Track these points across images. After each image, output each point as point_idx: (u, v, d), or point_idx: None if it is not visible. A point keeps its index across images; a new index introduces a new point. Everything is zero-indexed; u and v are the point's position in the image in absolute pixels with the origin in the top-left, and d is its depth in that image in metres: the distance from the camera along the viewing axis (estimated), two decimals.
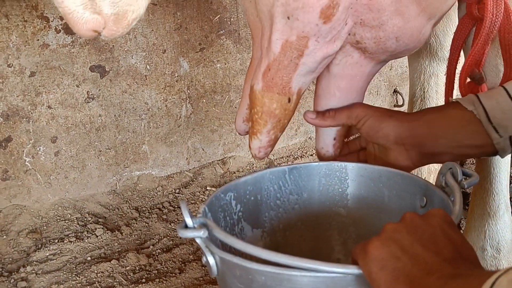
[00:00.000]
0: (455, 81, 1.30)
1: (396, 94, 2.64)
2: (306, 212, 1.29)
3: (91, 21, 0.93)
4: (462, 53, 1.30)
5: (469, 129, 1.12)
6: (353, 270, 0.84)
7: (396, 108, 2.58)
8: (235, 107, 2.26)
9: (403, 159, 1.19)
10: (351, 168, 1.27)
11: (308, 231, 1.30)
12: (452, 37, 1.28)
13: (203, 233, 0.93)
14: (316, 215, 1.29)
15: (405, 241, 0.82)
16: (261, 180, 1.24)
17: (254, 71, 1.14)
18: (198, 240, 0.94)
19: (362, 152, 1.31)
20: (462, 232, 1.61)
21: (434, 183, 1.14)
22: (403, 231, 0.83)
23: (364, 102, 1.25)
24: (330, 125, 1.22)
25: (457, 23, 1.28)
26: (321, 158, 1.26)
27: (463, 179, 1.07)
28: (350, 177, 1.27)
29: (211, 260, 0.95)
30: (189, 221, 0.94)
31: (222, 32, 2.17)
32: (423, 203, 1.15)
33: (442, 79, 1.69)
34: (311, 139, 2.47)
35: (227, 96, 2.25)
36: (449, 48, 1.29)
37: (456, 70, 1.30)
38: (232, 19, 2.17)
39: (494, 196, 1.49)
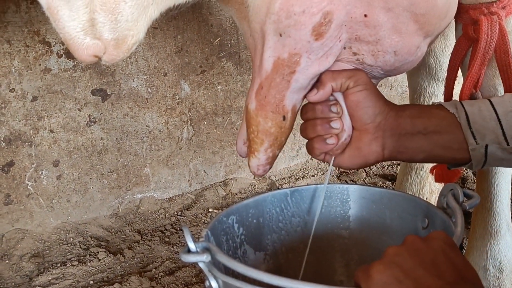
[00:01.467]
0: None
1: None
2: (308, 235, 1.26)
3: (91, 47, 0.94)
4: (459, 72, 1.31)
5: (448, 130, 1.11)
6: None
7: None
8: (236, 129, 2.26)
9: (376, 145, 1.14)
10: (353, 190, 1.27)
11: (310, 254, 1.27)
12: (449, 57, 1.29)
13: (206, 257, 0.93)
14: (318, 237, 1.28)
15: (407, 264, 0.82)
16: (263, 203, 1.25)
17: (248, 91, 1.14)
18: (201, 265, 0.94)
19: None
20: (464, 252, 1.61)
21: (435, 204, 1.14)
22: (405, 255, 0.83)
23: None
24: (330, 91, 1.12)
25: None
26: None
27: (464, 200, 1.07)
28: (352, 199, 1.28)
29: (214, 284, 0.95)
30: (192, 245, 0.94)
31: (222, 54, 2.18)
32: (424, 225, 1.15)
33: (441, 99, 1.70)
34: (312, 160, 2.47)
35: (228, 118, 2.26)
36: (447, 68, 1.30)
37: (454, 89, 1.31)
38: (232, 41, 2.19)
39: (496, 215, 1.49)
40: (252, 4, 1.02)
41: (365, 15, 1.01)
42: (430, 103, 1.67)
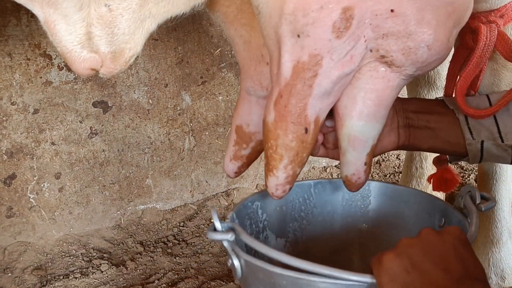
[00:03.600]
0: None
1: None
2: (329, 226, 1.33)
3: (88, 60, 0.94)
4: None
5: (447, 125, 1.16)
6: (367, 279, 0.91)
7: None
8: None
9: (394, 135, 1.18)
10: (374, 186, 1.32)
11: (329, 244, 1.34)
12: (448, 66, 1.29)
13: (230, 236, 1.00)
14: (338, 229, 1.34)
15: (417, 256, 0.86)
16: None
17: (266, 102, 1.05)
18: (225, 243, 1.01)
19: None
20: None
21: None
22: (417, 247, 0.88)
23: None
24: None
25: (452, 46, 1.28)
26: (351, 185, 1.14)
27: (481, 202, 1.12)
28: (373, 195, 1.32)
29: (236, 262, 1.01)
30: (218, 225, 1.00)
31: (223, 65, 2.19)
32: (441, 223, 1.20)
33: None
34: (314, 168, 2.47)
35: (230, 128, 2.26)
36: (446, 76, 1.30)
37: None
38: (232, 52, 2.19)
39: (497, 223, 1.49)
40: (264, 9, 0.96)
41: (392, 10, 0.94)
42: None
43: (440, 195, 1.81)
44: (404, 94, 2.62)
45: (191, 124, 2.19)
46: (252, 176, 2.35)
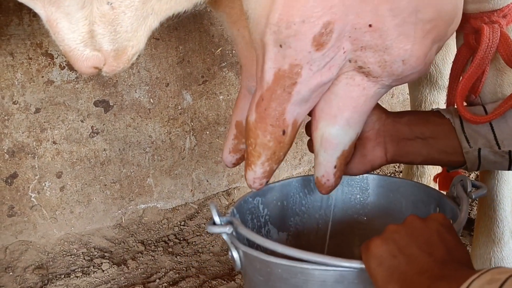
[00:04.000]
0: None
1: None
2: (329, 219, 1.37)
3: (91, 58, 0.94)
4: None
5: (443, 135, 1.17)
6: (356, 264, 0.94)
7: None
8: None
9: (380, 150, 1.21)
10: (372, 179, 1.37)
11: (330, 237, 1.37)
12: (451, 66, 1.29)
13: (228, 229, 1.05)
14: (338, 222, 1.38)
15: (402, 241, 0.90)
16: (288, 187, 1.34)
17: (250, 102, 1.12)
18: (224, 236, 1.06)
19: None
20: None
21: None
22: (402, 232, 0.92)
23: None
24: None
25: (455, 52, 1.28)
26: (321, 187, 1.20)
27: (472, 190, 1.17)
28: (371, 188, 1.37)
29: (235, 254, 1.06)
30: (217, 219, 1.05)
31: (224, 64, 2.19)
32: (436, 212, 1.22)
33: (443, 107, 1.70)
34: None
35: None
36: (448, 76, 1.30)
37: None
38: (233, 51, 2.20)
39: (498, 223, 1.49)
40: (252, 15, 1.00)
41: (370, 25, 0.98)
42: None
43: None
44: (405, 94, 2.62)
45: (192, 124, 2.19)
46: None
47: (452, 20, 1.05)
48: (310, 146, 1.22)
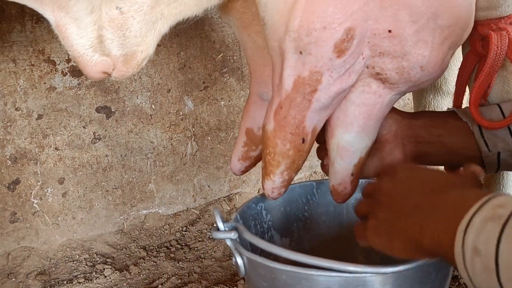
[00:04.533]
0: None
1: None
2: (333, 224, 1.37)
3: (100, 63, 0.94)
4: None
5: (462, 139, 1.17)
6: (363, 269, 0.94)
7: None
8: None
9: (398, 153, 1.20)
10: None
11: (334, 242, 1.37)
12: (456, 72, 1.29)
13: (233, 235, 1.05)
14: (342, 228, 1.37)
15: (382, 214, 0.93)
16: (291, 192, 1.31)
17: (266, 110, 1.09)
18: (228, 242, 1.06)
19: None
20: None
21: None
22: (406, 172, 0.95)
23: None
24: None
25: (461, 59, 1.28)
26: (337, 195, 1.18)
27: None
28: None
29: (239, 260, 1.06)
30: (221, 225, 1.06)
31: (225, 70, 2.20)
32: None
33: None
34: (316, 173, 2.48)
35: (232, 133, 2.28)
36: (452, 82, 1.31)
37: (462, 105, 1.31)
38: (235, 57, 2.21)
39: None
40: (270, 22, 0.99)
41: (389, 31, 0.98)
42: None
43: None
44: (406, 99, 2.63)
45: (194, 129, 2.20)
46: (254, 181, 2.35)
47: (467, 26, 1.05)
48: (320, 153, 1.22)
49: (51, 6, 0.90)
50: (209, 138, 2.24)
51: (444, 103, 1.74)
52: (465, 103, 1.31)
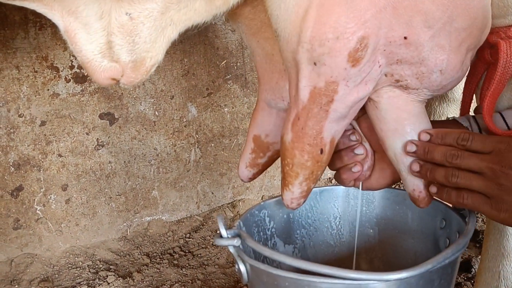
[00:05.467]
0: None
1: None
2: (336, 232, 1.37)
3: (109, 69, 0.94)
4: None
5: None
6: (366, 276, 0.94)
7: None
8: None
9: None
10: (378, 192, 1.34)
11: (337, 250, 1.37)
12: (463, 80, 1.28)
13: (236, 242, 1.05)
14: (345, 235, 1.37)
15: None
16: None
17: (284, 121, 1.08)
18: (231, 249, 1.05)
19: None
20: (475, 272, 1.60)
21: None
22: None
23: None
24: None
25: (468, 67, 1.28)
26: (416, 201, 1.15)
27: None
28: (377, 200, 1.35)
29: (242, 267, 1.05)
30: (224, 232, 1.05)
31: (229, 77, 2.20)
32: (442, 225, 1.23)
33: None
34: (319, 179, 2.48)
35: (235, 140, 2.27)
36: (458, 90, 1.30)
37: (470, 113, 1.31)
38: (238, 64, 2.21)
39: (508, 236, 1.49)
40: (282, 33, 0.98)
41: (405, 37, 0.96)
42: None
43: None
44: None
45: (197, 136, 2.19)
46: (257, 188, 2.35)
47: (485, 27, 1.03)
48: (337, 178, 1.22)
49: (61, 12, 0.90)
50: (212, 144, 2.23)
51: (450, 110, 1.73)
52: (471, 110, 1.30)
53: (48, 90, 1.89)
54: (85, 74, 1.93)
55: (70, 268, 1.96)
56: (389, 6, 0.93)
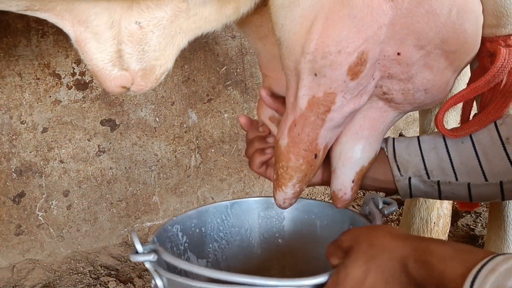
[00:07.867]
0: None
1: None
2: (247, 244, 1.38)
3: (119, 78, 0.95)
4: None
5: (377, 163, 1.19)
6: (287, 282, 0.93)
7: None
8: (244, 156, 2.28)
9: (319, 173, 1.23)
10: None
11: (249, 262, 1.38)
12: (464, 87, 1.29)
13: (153, 257, 1.02)
14: (256, 246, 1.39)
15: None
16: (205, 213, 1.33)
17: (279, 125, 1.13)
18: (147, 264, 1.02)
19: None
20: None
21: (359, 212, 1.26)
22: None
23: None
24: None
25: (469, 74, 1.29)
26: (337, 201, 1.20)
27: (384, 207, 1.20)
28: (286, 210, 1.36)
29: (159, 282, 1.02)
30: (139, 247, 1.02)
31: (229, 83, 2.21)
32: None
33: (451, 126, 1.71)
34: (315, 187, 2.49)
35: (235, 145, 2.29)
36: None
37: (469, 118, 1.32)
38: (238, 70, 2.22)
39: (509, 243, 1.50)
40: (286, 42, 1.01)
41: (398, 53, 1.00)
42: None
43: (447, 211, 1.83)
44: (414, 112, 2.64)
45: (197, 142, 2.21)
46: (257, 193, 2.36)
47: (472, 51, 1.07)
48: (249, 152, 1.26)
49: (71, 21, 0.91)
50: (212, 150, 2.25)
51: (450, 116, 1.74)
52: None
53: (50, 97, 1.90)
54: (87, 81, 1.95)
55: (71, 273, 1.97)
56: (389, 23, 0.96)
